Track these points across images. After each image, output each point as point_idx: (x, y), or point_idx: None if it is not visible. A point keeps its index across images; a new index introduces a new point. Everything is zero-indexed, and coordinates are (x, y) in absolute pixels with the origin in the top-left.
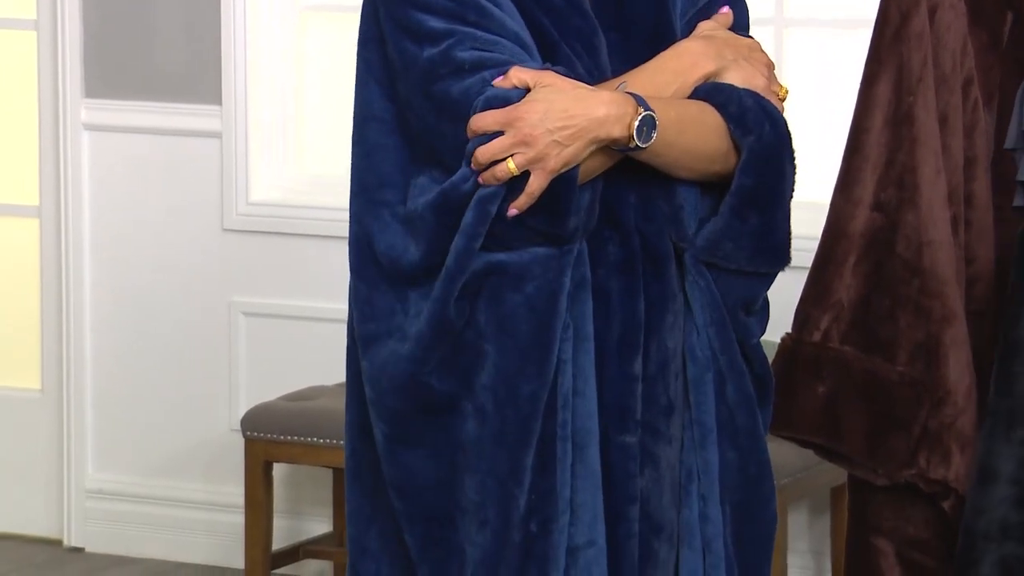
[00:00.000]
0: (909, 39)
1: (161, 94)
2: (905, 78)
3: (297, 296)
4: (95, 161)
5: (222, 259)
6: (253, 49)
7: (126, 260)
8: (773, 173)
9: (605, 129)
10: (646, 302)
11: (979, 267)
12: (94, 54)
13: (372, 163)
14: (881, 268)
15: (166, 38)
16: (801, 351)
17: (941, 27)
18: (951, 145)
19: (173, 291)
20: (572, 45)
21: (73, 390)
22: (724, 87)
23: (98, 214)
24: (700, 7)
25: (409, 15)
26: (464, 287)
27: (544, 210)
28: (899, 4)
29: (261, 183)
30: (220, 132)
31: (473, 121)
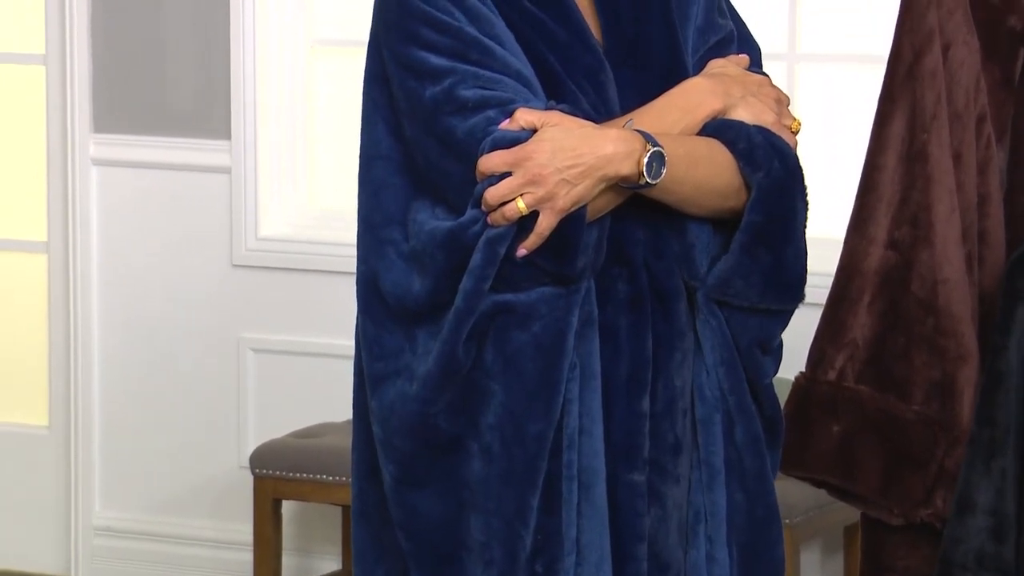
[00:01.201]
0: (923, 77)
1: (170, 129)
2: (919, 116)
3: (306, 332)
4: (103, 196)
5: (231, 295)
6: (262, 83)
7: (134, 296)
8: (784, 209)
9: (614, 166)
10: (654, 340)
11: (992, 304)
12: (103, 89)
13: (379, 202)
14: (896, 306)
15: (175, 72)
16: (816, 390)
17: (954, 64)
18: (965, 182)
19: (182, 327)
20: (578, 81)
21: (81, 427)
22: (733, 123)
23: (106, 250)
24: (711, 45)
25: (412, 53)
26: (472, 327)
27: (552, 250)
28: (912, 41)
29: (270, 218)
30: (229, 167)
31: (481, 163)
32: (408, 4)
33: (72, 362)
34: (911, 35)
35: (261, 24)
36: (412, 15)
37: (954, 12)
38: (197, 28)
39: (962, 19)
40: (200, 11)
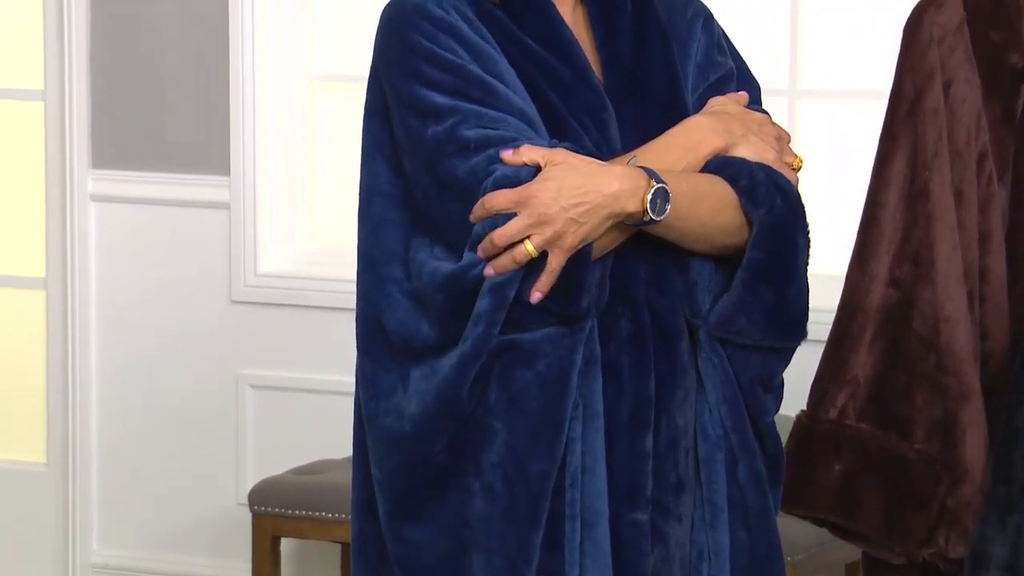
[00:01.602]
0: (924, 114)
1: (169, 165)
2: (920, 153)
3: (306, 369)
4: (102, 232)
5: (230, 331)
6: (262, 119)
7: (133, 332)
8: (785, 247)
9: (619, 204)
10: (656, 378)
11: (993, 343)
12: (101, 124)
13: (379, 239)
14: (897, 344)
15: (174, 108)
16: (817, 428)
17: (956, 101)
18: (966, 220)
19: (180, 363)
20: (580, 119)
21: (79, 464)
22: (735, 161)
23: (105, 286)
24: (711, 83)
25: (413, 90)
26: (478, 370)
27: (559, 289)
28: (913, 79)
29: (270, 254)
30: (228, 203)
31: (485, 200)
32: (410, 40)
33: (70, 398)
34: (912, 73)
35: (261, 59)
36: (414, 51)
37: (955, 49)
38: (196, 63)
39: (963, 56)
40: (199, 46)
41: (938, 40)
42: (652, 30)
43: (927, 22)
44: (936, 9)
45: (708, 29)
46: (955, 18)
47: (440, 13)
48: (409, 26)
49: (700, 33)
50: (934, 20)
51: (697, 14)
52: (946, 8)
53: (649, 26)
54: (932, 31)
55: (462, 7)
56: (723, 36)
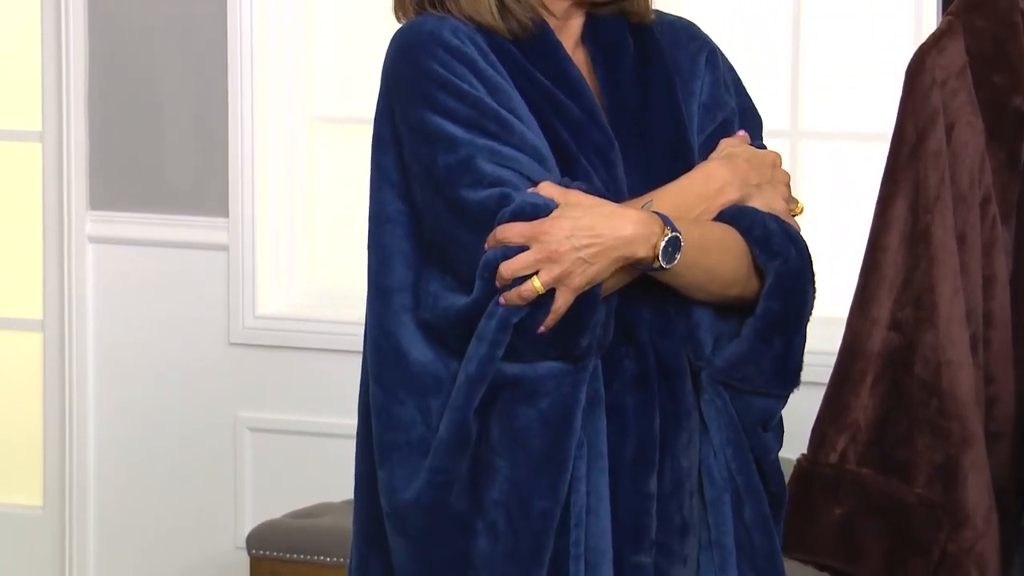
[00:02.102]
0: (926, 157)
1: (167, 206)
2: (922, 196)
3: (304, 411)
4: (100, 274)
5: (228, 373)
6: (261, 160)
7: (131, 375)
8: (798, 297)
9: (631, 248)
10: (661, 419)
11: (998, 387)
12: (99, 166)
13: (391, 267)
14: (898, 388)
15: (172, 149)
16: (818, 472)
17: (958, 144)
18: (969, 264)
19: (178, 406)
20: (589, 158)
21: (76, 507)
22: (748, 211)
23: (102, 328)
24: (719, 123)
25: (427, 118)
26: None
27: (561, 327)
28: (915, 122)
29: (268, 296)
30: (227, 245)
31: (499, 231)
32: (424, 66)
33: (67, 441)
34: (914, 115)
35: (260, 100)
36: (428, 78)
37: (958, 92)
38: (195, 104)
39: (966, 99)
40: (198, 87)
41: (940, 83)
42: (655, 69)
43: (929, 65)
44: (938, 52)
45: (713, 65)
46: (957, 61)
47: (456, 42)
48: (424, 52)
49: (704, 70)
50: (936, 63)
51: (701, 49)
52: (948, 51)
53: (652, 65)
54: (934, 74)
55: (476, 38)
56: (728, 69)
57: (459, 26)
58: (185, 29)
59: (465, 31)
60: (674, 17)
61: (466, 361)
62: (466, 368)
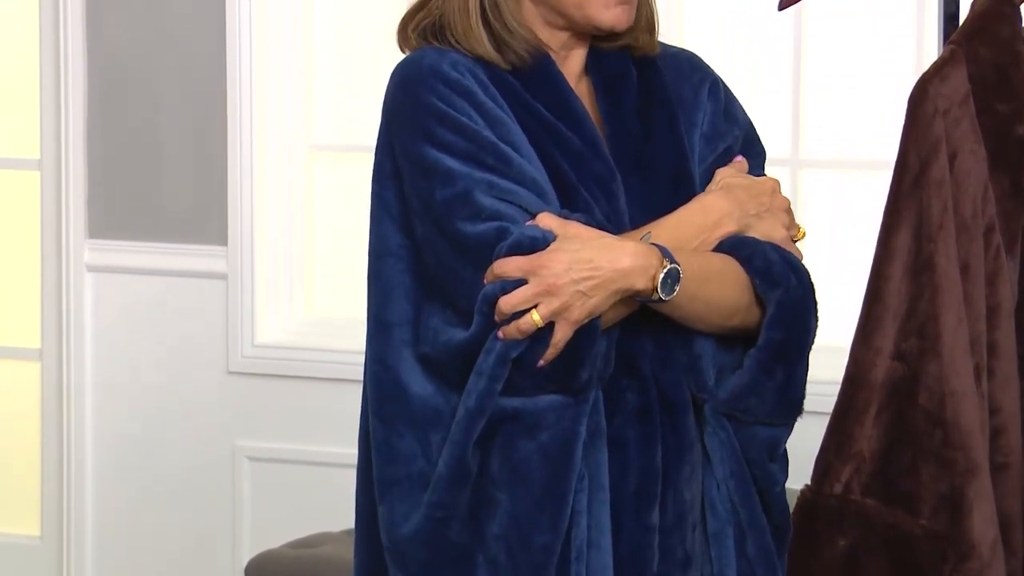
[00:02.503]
0: (929, 186)
1: (165, 234)
2: (925, 225)
3: (303, 441)
4: (98, 303)
5: (227, 403)
6: (260, 189)
7: (129, 404)
8: (800, 327)
9: (629, 280)
10: (663, 452)
11: (1003, 418)
12: (98, 194)
13: (391, 301)
14: (903, 419)
15: (171, 178)
16: (821, 503)
17: (961, 173)
18: (973, 293)
19: (177, 435)
20: (591, 189)
21: (74, 537)
22: (748, 240)
23: (101, 357)
24: (719, 153)
25: (425, 152)
26: (480, 431)
27: (560, 360)
28: (918, 150)
29: (267, 325)
30: (226, 273)
31: (497, 265)
32: (423, 101)
33: (65, 470)
34: (917, 144)
35: (259, 128)
36: (428, 112)
37: (961, 120)
38: (194, 132)
39: (969, 127)
40: (197, 115)
41: (943, 111)
42: (658, 102)
43: (932, 93)
44: (941, 80)
45: (715, 96)
46: (960, 89)
47: (456, 76)
48: (423, 86)
49: (706, 101)
50: (939, 91)
51: (704, 80)
52: (951, 79)
53: (655, 97)
54: (937, 102)
55: (476, 71)
56: (731, 100)
57: (459, 59)
58: (184, 57)
59: (465, 64)
60: (677, 49)
61: (465, 395)
62: (465, 402)
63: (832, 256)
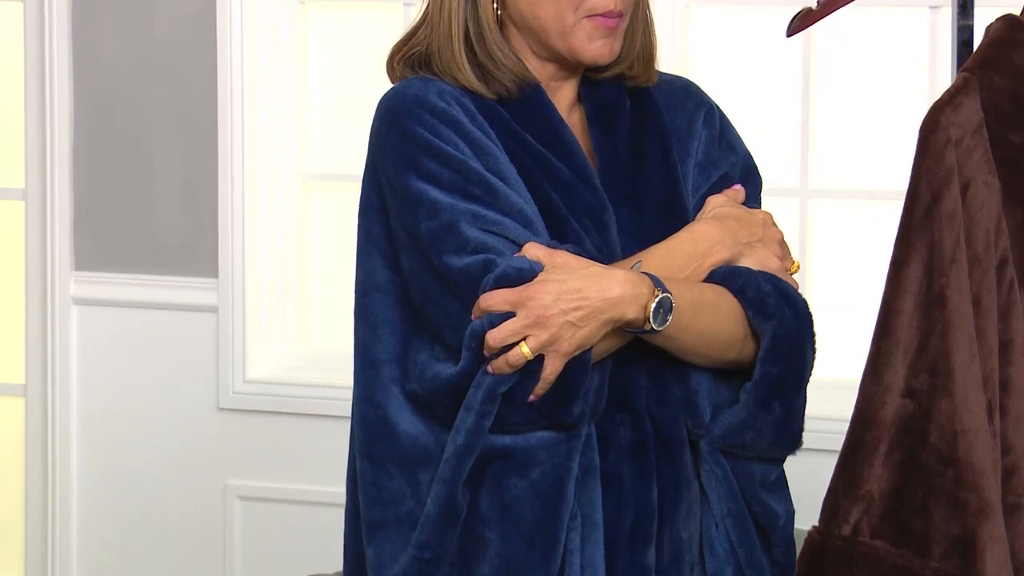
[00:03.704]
0: (940, 218)
1: (154, 266)
2: (936, 259)
3: (296, 479)
4: (84, 337)
5: (217, 440)
6: (252, 219)
7: (116, 441)
8: (795, 360)
9: (619, 310)
10: (659, 489)
11: (1016, 457)
12: (84, 225)
13: (379, 338)
14: (914, 458)
15: (160, 208)
16: (830, 545)
17: (974, 205)
18: (985, 328)
19: (165, 474)
20: (581, 220)
21: None
22: (741, 271)
23: (87, 393)
24: (713, 182)
25: (411, 184)
26: (470, 469)
27: (552, 394)
28: (929, 182)
29: (259, 360)
30: (216, 306)
31: (483, 299)
32: (410, 132)
33: (50, 511)
34: (928, 175)
35: (251, 156)
36: (414, 144)
37: (973, 151)
38: (183, 161)
39: (982, 158)
40: (186, 143)
41: (955, 141)
42: (651, 131)
43: (944, 123)
44: (953, 110)
45: (709, 124)
46: (973, 119)
47: (443, 105)
48: (410, 117)
49: (701, 129)
50: (951, 121)
51: (699, 108)
52: (963, 108)
53: (648, 127)
54: (950, 131)
55: (463, 100)
56: (727, 128)
57: (445, 88)
58: (174, 84)
59: (452, 93)
60: (673, 76)
61: (454, 432)
62: (454, 440)
63: (842, 288)
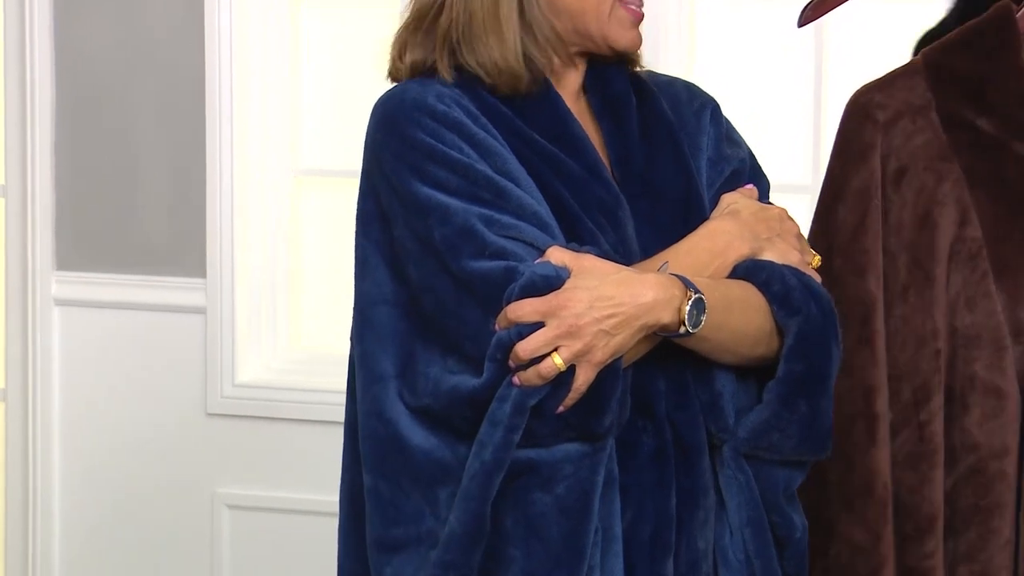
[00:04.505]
0: (847, 196)
1: (139, 266)
2: (838, 238)
3: (288, 488)
4: (66, 338)
5: (205, 447)
6: (241, 216)
7: (99, 448)
8: (821, 356)
9: (654, 315)
10: (677, 497)
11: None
12: (67, 222)
13: (388, 351)
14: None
15: (145, 205)
16: None
17: (909, 190)
18: (912, 318)
19: (151, 482)
20: (595, 218)
21: None
22: (764, 264)
23: (69, 397)
24: (727, 177)
25: (418, 192)
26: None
27: (582, 405)
28: (844, 162)
29: (249, 363)
30: (204, 307)
31: (510, 309)
32: (411, 137)
33: (30, 520)
34: (843, 156)
35: (240, 151)
36: (416, 149)
37: (913, 135)
38: (170, 156)
39: (925, 142)
40: (173, 137)
41: (884, 123)
42: (659, 124)
43: (864, 102)
44: (881, 90)
45: (716, 121)
46: (914, 100)
47: (443, 108)
48: (409, 122)
49: (709, 125)
50: (875, 101)
51: (704, 106)
52: (897, 89)
53: (655, 119)
54: (871, 111)
55: (463, 101)
56: (731, 127)
57: (443, 91)
58: (160, 76)
59: (450, 95)
60: (670, 77)
61: (478, 447)
62: (480, 455)
63: None
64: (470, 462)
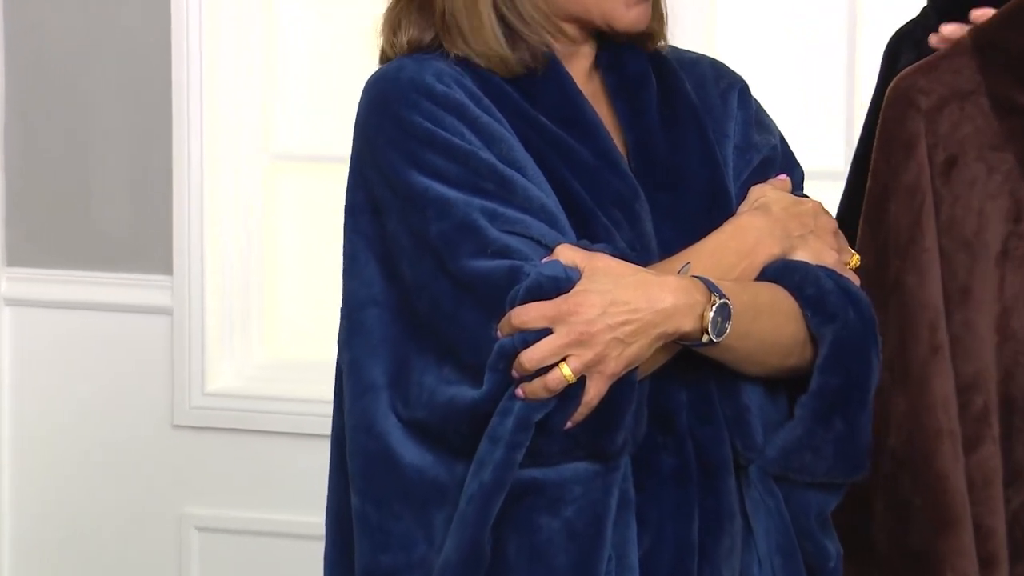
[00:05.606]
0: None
1: (97, 262)
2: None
3: (261, 507)
4: (17, 341)
5: (172, 462)
6: (211, 207)
7: (54, 463)
8: (860, 368)
9: (674, 322)
10: (700, 522)
11: None
12: (16, 214)
13: (378, 358)
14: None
15: (104, 196)
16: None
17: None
18: (976, 321)
19: (112, 500)
20: (610, 212)
21: None
22: (797, 266)
23: (19, 406)
24: (754, 167)
25: (414, 182)
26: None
27: (592, 421)
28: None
29: (220, 369)
30: (170, 307)
31: (515, 314)
32: (408, 121)
33: None
34: (887, 148)
35: (209, 135)
36: (412, 135)
37: (961, 123)
38: (131, 141)
39: (976, 129)
40: (135, 120)
41: (927, 110)
42: (682, 107)
43: (905, 88)
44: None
45: (745, 103)
46: (963, 85)
47: (442, 88)
48: (405, 104)
49: (736, 109)
50: (920, 87)
51: (731, 87)
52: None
53: (678, 102)
54: (914, 98)
55: (465, 81)
56: (761, 109)
57: (443, 69)
58: (120, 52)
59: (450, 74)
60: (696, 54)
61: (477, 467)
62: (479, 475)
63: None
64: (468, 483)
